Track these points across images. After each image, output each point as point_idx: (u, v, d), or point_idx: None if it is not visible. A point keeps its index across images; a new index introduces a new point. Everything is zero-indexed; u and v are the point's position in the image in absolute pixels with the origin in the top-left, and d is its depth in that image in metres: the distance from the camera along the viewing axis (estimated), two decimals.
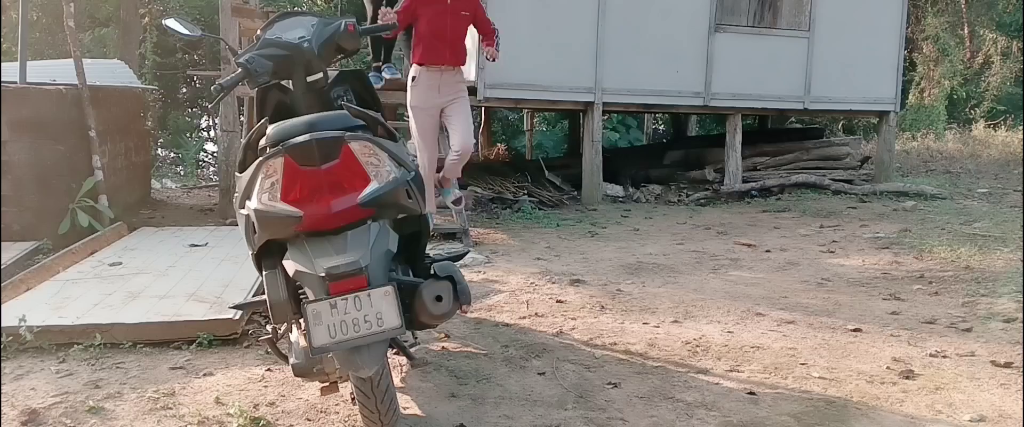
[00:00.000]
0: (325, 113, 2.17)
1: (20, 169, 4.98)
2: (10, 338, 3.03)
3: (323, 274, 1.97)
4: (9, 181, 4.90)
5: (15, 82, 5.27)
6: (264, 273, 2.16)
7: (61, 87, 5.32)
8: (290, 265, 2.05)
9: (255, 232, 2.11)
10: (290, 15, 2.62)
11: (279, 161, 2.06)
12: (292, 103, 2.53)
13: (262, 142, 2.17)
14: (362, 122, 2.19)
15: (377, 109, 2.68)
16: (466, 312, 2.36)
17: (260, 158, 2.11)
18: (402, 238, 2.28)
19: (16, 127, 4.97)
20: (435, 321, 2.21)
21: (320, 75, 2.50)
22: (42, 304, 3.48)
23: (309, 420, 2.47)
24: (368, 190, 2.07)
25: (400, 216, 2.23)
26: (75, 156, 5.28)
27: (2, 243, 4.62)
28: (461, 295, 2.17)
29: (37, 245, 4.83)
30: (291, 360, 2.19)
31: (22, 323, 3.05)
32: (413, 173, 2.23)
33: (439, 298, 2.12)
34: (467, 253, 3.60)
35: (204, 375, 2.85)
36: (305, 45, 2.47)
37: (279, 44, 2.46)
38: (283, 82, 2.54)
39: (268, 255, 2.16)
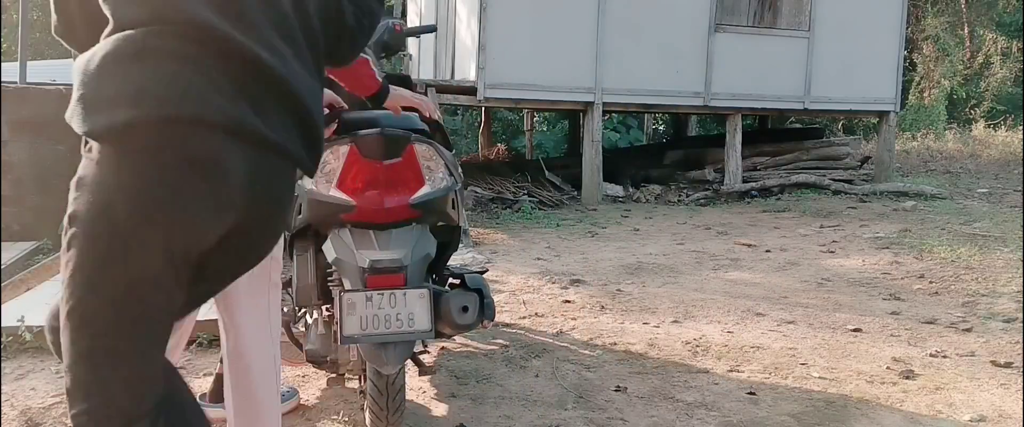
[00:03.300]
0: (397, 115, 2.20)
1: (20, 169, 4.98)
2: (10, 338, 3.02)
3: (366, 265, 2.00)
4: (9, 181, 4.90)
5: (15, 82, 5.28)
6: (296, 255, 2.18)
7: (61, 87, 5.31)
8: (330, 252, 2.08)
9: (299, 213, 2.13)
10: None
11: (344, 148, 2.09)
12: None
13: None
14: (426, 127, 2.22)
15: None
16: (486, 327, 2.39)
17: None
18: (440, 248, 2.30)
19: (16, 127, 4.97)
20: (456, 331, 2.22)
21: None
22: (42, 304, 3.48)
23: (309, 420, 2.47)
24: (421, 192, 2.11)
25: (440, 223, 2.26)
26: (75, 156, 5.14)
27: (2, 243, 4.62)
28: (486, 309, 2.17)
29: (37, 245, 4.82)
30: (306, 345, 2.22)
31: (22, 323, 3.05)
32: (461, 184, 2.27)
33: (465, 309, 2.12)
34: (486, 271, 3.55)
35: (204, 375, 2.84)
36: None
37: None
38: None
39: (302, 238, 2.20)
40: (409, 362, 2.38)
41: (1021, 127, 14.99)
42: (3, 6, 4.74)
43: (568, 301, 3.93)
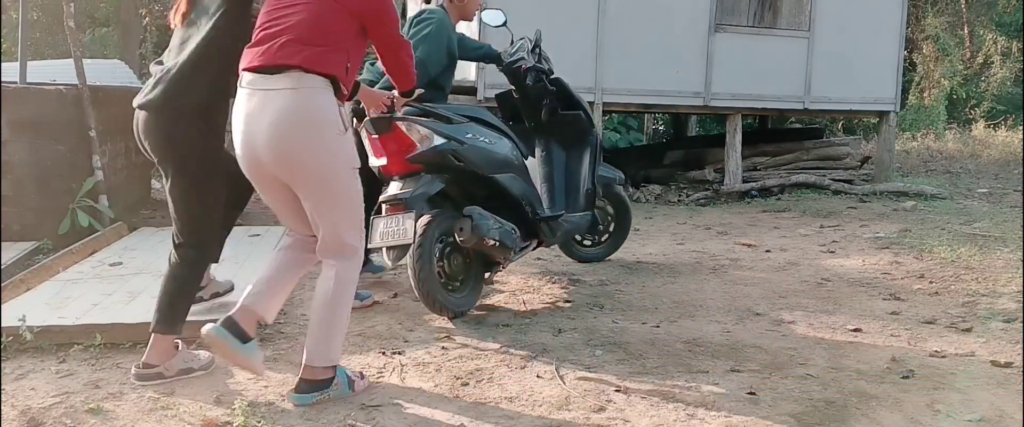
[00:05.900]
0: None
1: (20, 169, 4.98)
2: (10, 338, 3.02)
3: (383, 199, 3.37)
4: (9, 181, 4.90)
5: (15, 82, 5.27)
6: None
7: (61, 87, 5.31)
8: (384, 195, 3.42)
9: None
10: (523, 38, 4.31)
11: (364, 131, 3.45)
12: (516, 105, 4.29)
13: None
14: (416, 109, 3.40)
15: (577, 107, 4.33)
16: (488, 244, 3.37)
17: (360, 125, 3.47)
18: (495, 196, 3.58)
19: (16, 127, 4.97)
20: (467, 245, 3.37)
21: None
22: (42, 304, 3.48)
23: (309, 420, 2.47)
24: (413, 153, 3.35)
25: (454, 174, 3.44)
26: (75, 156, 5.28)
27: (2, 243, 4.62)
28: (476, 228, 3.30)
29: (37, 245, 4.82)
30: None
31: (22, 323, 3.05)
32: (465, 144, 3.40)
33: (461, 229, 3.34)
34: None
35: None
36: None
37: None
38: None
39: None
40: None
41: (1021, 127, 15.00)
42: (3, 6, 4.73)
43: (568, 301, 3.93)
